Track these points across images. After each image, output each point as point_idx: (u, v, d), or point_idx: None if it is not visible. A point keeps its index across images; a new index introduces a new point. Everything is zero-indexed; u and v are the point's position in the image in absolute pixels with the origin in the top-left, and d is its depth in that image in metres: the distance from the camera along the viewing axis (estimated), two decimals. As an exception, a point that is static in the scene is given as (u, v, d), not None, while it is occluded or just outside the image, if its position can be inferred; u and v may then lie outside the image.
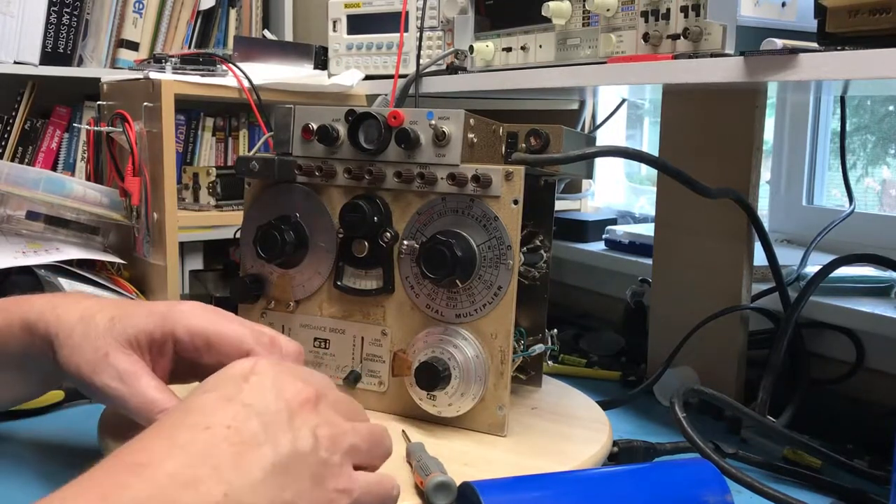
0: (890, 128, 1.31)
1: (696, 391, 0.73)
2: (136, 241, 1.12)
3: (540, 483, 0.53)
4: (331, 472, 0.46)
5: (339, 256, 0.73)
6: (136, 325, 0.59)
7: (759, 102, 0.86)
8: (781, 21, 0.76)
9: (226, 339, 0.58)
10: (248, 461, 0.42)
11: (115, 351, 0.57)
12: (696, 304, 0.90)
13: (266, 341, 0.59)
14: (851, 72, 0.61)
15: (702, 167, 0.83)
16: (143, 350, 0.59)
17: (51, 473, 0.64)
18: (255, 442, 0.43)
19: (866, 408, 0.88)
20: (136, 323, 0.59)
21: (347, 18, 1.26)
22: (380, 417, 0.71)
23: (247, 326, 0.60)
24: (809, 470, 0.71)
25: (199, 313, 0.60)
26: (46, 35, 1.86)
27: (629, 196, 1.62)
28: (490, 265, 0.67)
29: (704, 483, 0.54)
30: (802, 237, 1.18)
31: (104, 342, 0.58)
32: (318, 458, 0.45)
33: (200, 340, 0.58)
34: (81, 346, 0.58)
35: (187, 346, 0.59)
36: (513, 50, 0.98)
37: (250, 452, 0.43)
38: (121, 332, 0.58)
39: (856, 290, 0.94)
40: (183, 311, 0.59)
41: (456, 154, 0.68)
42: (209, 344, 0.58)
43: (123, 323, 0.59)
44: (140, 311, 0.60)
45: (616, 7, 0.83)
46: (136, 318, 0.59)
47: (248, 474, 0.42)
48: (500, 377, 0.67)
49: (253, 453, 0.43)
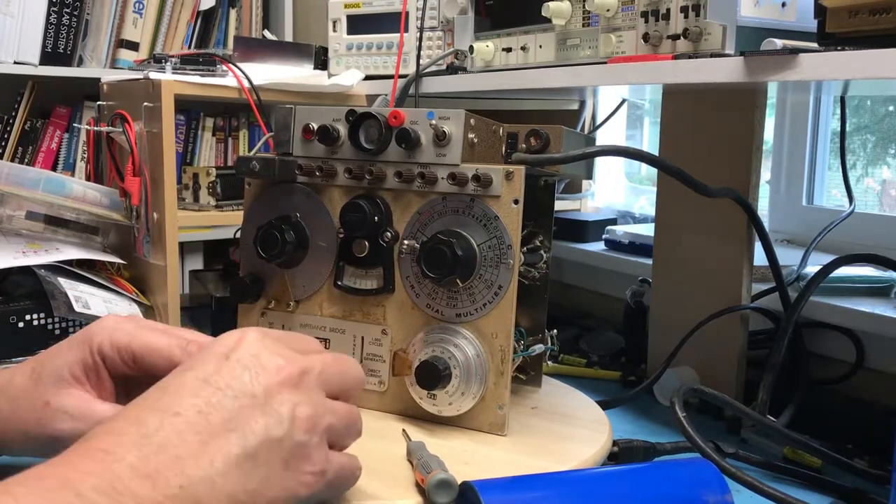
0: (890, 128, 1.31)
1: (696, 391, 0.73)
2: (136, 241, 1.12)
3: (540, 483, 0.53)
4: (306, 454, 0.46)
5: (339, 256, 0.73)
6: (65, 360, 0.56)
7: (759, 102, 0.86)
8: (781, 21, 0.76)
9: (153, 352, 0.55)
10: (211, 452, 0.42)
11: (53, 397, 0.54)
12: (696, 304, 0.90)
13: (194, 350, 0.55)
14: (851, 72, 0.61)
15: (702, 167, 0.83)
16: (81, 381, 0.55)
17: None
18: (224, 429, 0.43)
19: (866, 408, 0.88)
20: (63, 358, 0.56)
21: (347, 18, 1.26)
22: (380, 417, 0.71)
23: (172, 335, 0.56)
24: (809, 470, 0.71)
25: (121, 327, 0.56)
26: (46, 35, 1.86)
27: (629, 196, 1.62)
28: (490, 265, 0.67)
29: (704, 483, 0.54)
30: (802, 237, 1.18)
31: (37, 396, 0.55)
32: (294, 441, 0.46)
33: (127, 355, 0.55)
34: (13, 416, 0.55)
35: (116, 362, 0.56)
36: (513, 50, 0.98)
37: (216, 442, 0.43)
38: (50, 376, 0.55)
39: (856, 290, 0.94)
40: (104, 326, 0.56)
41: (456, 154, 0.68)
42: (136, 358, 0.55)
43: (48, 367, 0.55)
44: (61, 347, 0.57)
45: (616, 7, 0.83)
46: (61, 355, 0.56)
47: (210, 466, 0.42)
48: (501, 376, 0.67)
49: (219, 443, 0.43)
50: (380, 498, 0.56)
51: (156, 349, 0.55)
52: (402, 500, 0.56)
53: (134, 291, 1.09)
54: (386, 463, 0.61)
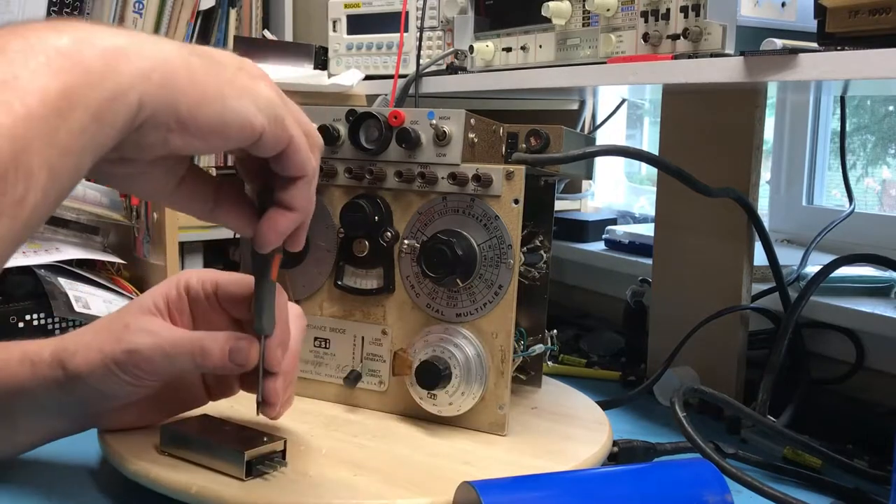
0: (890, 128, 1.31)
1: (696, 391, 0.73)
2: (136, 241, 1.12)
3: (540, 483, 0.53)
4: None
5: (339, 256, 0.73)
6: (150, 294, 0.61)
7: (759, 102, 0.86)
8: (781, 21, 0.76)
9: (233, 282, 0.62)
10: None
11: (133, 320, 0.59)
12: (696, 304, 0.90)
13: None
14: (851, 72, 0.61)
15: (702, 167, 0.83)
16: (162, 313, 0.61)
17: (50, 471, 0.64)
18: None
19: (866, 408, 0.88)
20: (151, 292, 0.61)
21: (347, 18, 1.26)
22: (380, 417, 0.71)
23: None
24: (809, 470, 0.71)
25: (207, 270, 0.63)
26: (46, 35, 1.86)
27: (629, 196, 1.62)
28: (490, 264, 0.67)
29: (704, 483, 0.54)
30: (802, 237, 1.18)
31: (119, 321, 0.59)
32: None
33: (210, 285, 0.62)
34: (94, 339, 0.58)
35: (199, 295, 0.62)
36: (513, 50, 0.98)
37: None
38: (134, 306, 0.61)
39: (856, 290, 0.94)
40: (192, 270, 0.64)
41: (456, 154, 0.68)
42: (218, 286, 0.62)
43: (135, 302, 0.61)
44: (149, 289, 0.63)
45: (616, 7, 0.83)
46: (149, 291, 0.62)
47: None
48: (501, 376, 0.67)
49: None
50: (380, 498, 0.56)
51: (236, 280, 0.62)
52: (403, 499, 0.56)
53: (134, 291, 1.09)
54: (387, 462, 0.61)
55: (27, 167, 0.36)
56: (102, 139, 0.40)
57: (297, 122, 0.50)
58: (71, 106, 0.38)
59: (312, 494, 0.56)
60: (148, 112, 0.42)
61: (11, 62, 0.37)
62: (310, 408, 0.72)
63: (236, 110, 0.46)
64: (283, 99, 0.49)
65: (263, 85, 0.48)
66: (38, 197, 0.37)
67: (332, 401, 0.74)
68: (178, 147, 0.45)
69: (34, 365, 0.59)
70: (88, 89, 0.39)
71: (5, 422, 0.60)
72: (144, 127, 0.43)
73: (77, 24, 0.40)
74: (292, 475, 0.58)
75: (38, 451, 0.63)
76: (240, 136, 0.46)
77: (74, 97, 0.38)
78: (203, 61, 0.45)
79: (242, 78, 0.47)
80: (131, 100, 0.41)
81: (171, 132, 0.44)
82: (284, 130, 0.49)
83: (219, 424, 0.63)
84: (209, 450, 0.58)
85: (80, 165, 0.40)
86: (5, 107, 0.35)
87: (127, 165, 0.46)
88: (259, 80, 0.48)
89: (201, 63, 0.45)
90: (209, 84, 0.44)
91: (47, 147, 0.37)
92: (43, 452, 0.64)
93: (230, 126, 0.46)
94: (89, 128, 0.39)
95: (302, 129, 0.51)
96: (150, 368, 0.58)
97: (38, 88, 0.37)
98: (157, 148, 0.44)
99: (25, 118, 0.36)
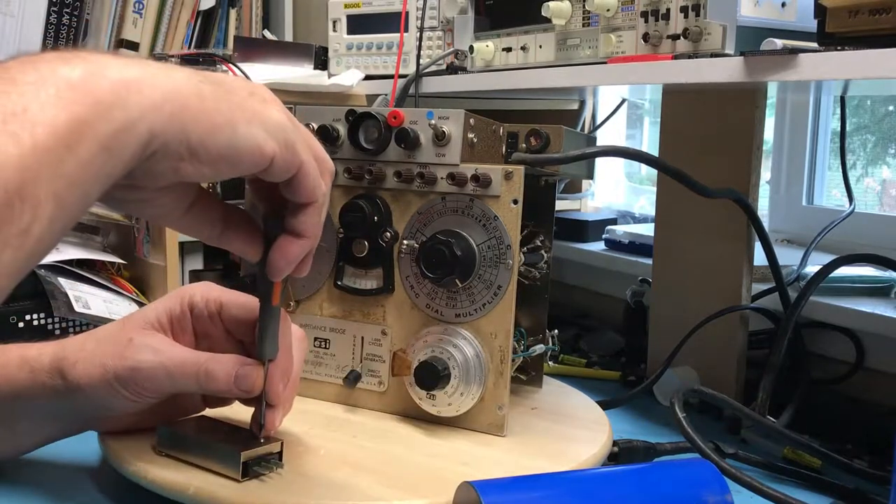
0: (890, 128, 1.31)
1: (696, 391, 0.73)
2: (136, 241, 1.12)
3: (540, 483, 0.53)
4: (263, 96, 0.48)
5: (339, 256, 0.73)
6: (154, 308, 0.61)
7: (759, 102, 0.86)
8: (781, 21, 0.76)
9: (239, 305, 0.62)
10: None
11: (137, 335, 0.58)
12: (696, 304, 0.90)
13: None
14: (851, 72, 0.61)
15: (702, 167, 0.83)
16: (165, 329, 0.60)
17: (50, 471, 0.64)
18: None
19: (866, 408, 0.88)
20: (153, 308, 0.61)
21: (347, 18, 1.26)
22: (380, 417, 0.71)
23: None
24: (809, 470, 0.71)
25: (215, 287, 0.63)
26: (46, 35, 1.86)
27: (629, 196, 1.62)
28: (490, 265, 0.67)
29: (704, 483, 0.54)
30: (802, 237, 1.18)
31: (122, 335, 0.59)
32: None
33: (214, 305, 0.61)
34: (96, 351, 0.58)
35: (202, 314, 0.61)
36: (513, 50, 0.98)
37: None
38: (137, 321, 0.60)
39: (856, 290, 0.94)
40: (199, 284, 0.63)
41: (456, 154, 0.68)
42: (222, 307, 0.61)
43: (136, 315, 0.61)
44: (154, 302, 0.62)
45: (616, 7, 0.83)
46: (152, 305, 0.62)
47: None
48: (500, 377, 0.67)
49: None
50: (380, 498, 0.56)
51: (241, 303, 0.62)
52: (401, 501, 0.56)
53: (134, 291, 1.09)
54: (386, 463, 0.61)
55: (34, 198, 0.36)
56: (111, 170, 0.40)
57: (309, 146, 0.50)
58: (80, 138, 0.38)
59: (310, 495, 0.56)
60: (159, 142, 0.42)
61: (23, 94, 0.37)
62: (309, 408, 0.72)
63: (247, 137, 0.45)
64: (295, 123, 0.49)
65: (274, 110, 0.48)
66: (43, 227, 0.37)
67: (332, 401, 0.74)
68: (188, 175, 0.45)
69: (33, 371, 0.58)
70: (98, 121, 0.39)
71: (5, 424, 0.60)
72: (155, 156, 0.43)
73: (89, 56, 0.41)
74: (290, 476, 0.58)
75: (38, 451, 0.63)
76: (251, 162, 0.46)
77: (83, 129, 0.38)
78: (214, 88, 0.45)
79: (253, 103, 0.47)
80: (141, 131, 0.41)
81: (182, 161, 0.44)
82: (295, 156, 0.48)
83: (215, 425, 0.63)
84: (206, 450, 0.58)
85: (87, 195, 0.40)
86: (14, 138, 0.36)
87: (137, 192, 0.46)
88: (270, 104, 0.48)
89: (212, 90, 0.45)
90: (220, 111, 0.45)
91: (55, 178, 0.37)
92: (43, 453, 0.64)
93: (241, 153, 0.46)
94: (98, 159, 0.39)
95: (313, 154, 0.50)
96: (152, 386, 0.58)
97: (46, 120, 0.37)
98: (167, 176, 0.45)
99: (33, 149, 0.36)
